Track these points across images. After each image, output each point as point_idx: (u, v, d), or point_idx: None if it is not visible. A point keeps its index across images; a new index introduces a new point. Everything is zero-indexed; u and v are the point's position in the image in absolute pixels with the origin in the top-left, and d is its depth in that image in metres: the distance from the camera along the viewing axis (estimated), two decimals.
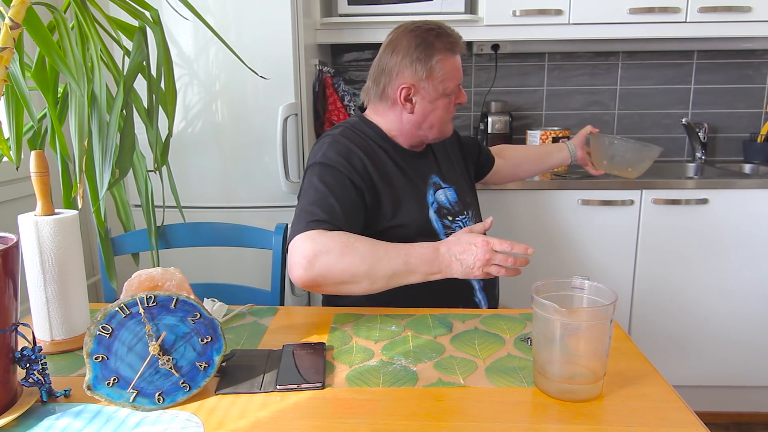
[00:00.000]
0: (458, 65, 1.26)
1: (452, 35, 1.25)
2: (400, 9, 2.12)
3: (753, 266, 2.00)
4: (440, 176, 1.33)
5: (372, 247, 1.05)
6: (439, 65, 1.22)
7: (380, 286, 1.06)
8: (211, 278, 1.76)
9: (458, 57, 1.26)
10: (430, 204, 1.28)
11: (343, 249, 1.04)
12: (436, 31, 1.23)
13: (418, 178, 1.28)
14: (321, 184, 1.15)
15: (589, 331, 0.77)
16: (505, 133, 2.35)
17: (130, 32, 1.28)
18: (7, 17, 0.80)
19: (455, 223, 1.30)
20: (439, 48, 1.22)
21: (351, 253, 1.04)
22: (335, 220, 1.10)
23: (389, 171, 1.25)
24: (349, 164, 1.18)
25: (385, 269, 1.04)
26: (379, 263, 1.04)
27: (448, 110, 1.28)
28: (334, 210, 1.11)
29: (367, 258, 1.04)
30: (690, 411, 0.75)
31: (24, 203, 1.77)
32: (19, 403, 0.76)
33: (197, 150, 1.87)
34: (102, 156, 1.11)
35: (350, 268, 1.04)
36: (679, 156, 2.52)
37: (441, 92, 1.24)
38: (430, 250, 1.05)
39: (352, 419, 0.74)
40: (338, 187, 1.15)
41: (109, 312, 0.76)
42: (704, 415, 1.99)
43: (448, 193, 1.32)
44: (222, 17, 1.80)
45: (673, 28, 2.11)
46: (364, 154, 1.22)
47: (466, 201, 1.35)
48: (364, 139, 1.27)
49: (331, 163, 1.18)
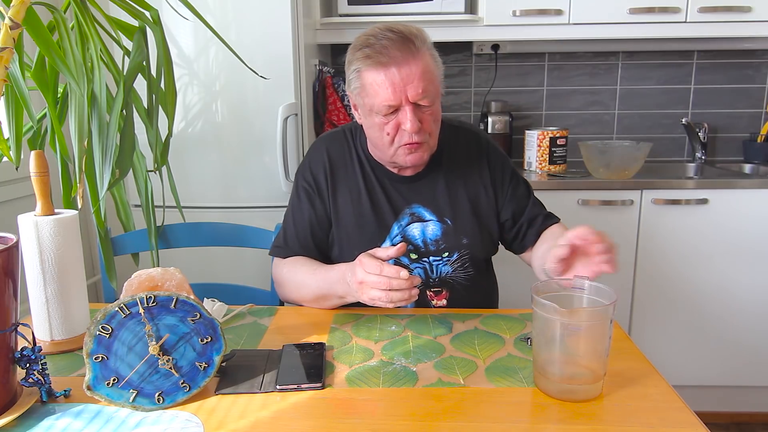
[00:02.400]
0: (381, 82, 1.03)
1: (378, 45, 1.02)
2: (400, 9, 2.12)
3: (753, 266, 1.99)
4: (430, 208, 1.18)
5: (301, 274, 1.15)
6: (356, 76, 1.08)
7: (317, 306, 1.13)
8: (211, 278, 1.76)
9: (384, 72, 1.03)
10: (390, 235, 1.18)
11: (281, 279, 1.20)
12: (369, 36, 1.06)
13: (389, 203, 1.18)
14: (290, 199, 1.26)
15: (589, 331, 0.77)
16: (505, 133, 2.35)
17: (130, 32, 1.28)
18: (7, 17, 0.80)
19: (419, 262, 1.18)
20: (358, 57, 1.06)
21: (287, 283, 1.18)
22: (291, 244, 1.22)
23: (352, 188, 1.19)
24: (311, 174, 1.22)
25: (311, 293, 1.13)
26: (305, 288, 1.14)
27: (383, 131, 1.08)
28: (291, 234, 1.23)
29: (297, 285, 1.15)
30: (690, 411, 0.75)
31: (24, 203, 1.76)
32: (19, 403, 0.76)
33: (197, 150, 1.87)
34: (102, 156, 1.11)
35: (290, 294, 1.18)
36: (679, 156, 2.52)
37: (368, 108, 1.08)
38: (336, 273, 1.07)
39: (352, 419, 0.74)
40: (298, 205, 1.23)
41: (109, 312, 0.76)
42: (704, 415, 1.99)
43: (428, 228, 1.18)
44: (222, 17, 1.80)
45: (673, 28, 2.11)
46: (330, 163, 1.21)
47: (454, 242, 1.18)
48: (351, 148, 1.22)
49: (299, 174, 1.25)
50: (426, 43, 1.07)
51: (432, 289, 1.19)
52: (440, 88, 1.11)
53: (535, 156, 2.18)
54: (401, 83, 1.03)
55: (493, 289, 1.31)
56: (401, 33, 1.04)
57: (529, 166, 2.22)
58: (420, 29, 1.07)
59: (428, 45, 1.08)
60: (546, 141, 2.15)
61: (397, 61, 1.02)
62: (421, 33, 1.07)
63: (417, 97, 1.04)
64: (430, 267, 1.18)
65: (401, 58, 1.03)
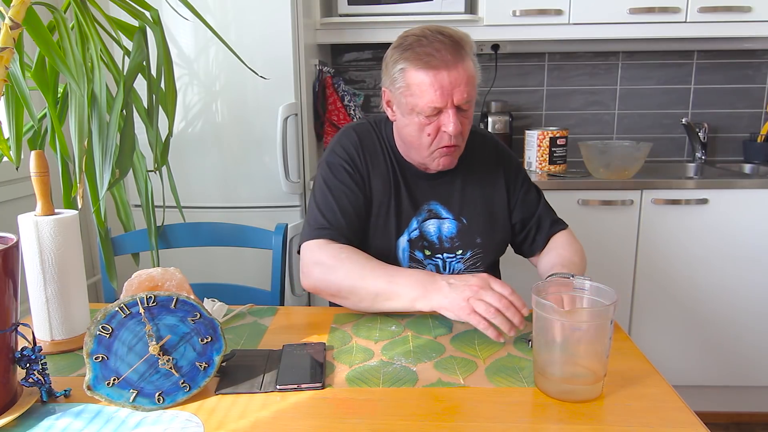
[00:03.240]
0: (428, 83, 1.04)
1: (430, 48, 1.04)
2: (400, 9, 2.12)
3: (753, 266, 1.99)
4: (447, 206, 1.20)
5: (359, 265, 1.05)
6: (401, 75, 1.08)
7: (366, 305, 1.05)
8: (211, 278, 1.76)
9: (434, 74, 1.04)
10: (409, 229, 1.19)
11: (333, 264, 1.07)
12: (419, 37, 1.06)
13: (410, 197, 1.19)
14: (325, 185, 1.17)
15: (590, 331, 0.77)
16: (505, 133, 2.35)
17: (130, 32, 1.28)
18: (7, 17, 0.80)
19: (432, 259, 1.19)
20: (406, 57, 1.06)
21: (338, 269, 1.06)
22: (337, 226, 1.13)
23: (383, 176, 1.19)
24: (347, 155, 1.18)
25: (368, 288, 1.03)
26: (362, 281, 1.04)
27: (422, 131, 1.09)
28: (335, 216, 1.13)
29: (351, 274, 1.05)
30: (690, 411, 0.75)
31: (24, 203, 1.77)
32: (19, 403, 0.76)
33: (197, 150, 1.87)
34: (102, 156, 1.11)
35: (336, 283, 1.06)
36: (679, 156, 2.52)
37: (410, 108, 1.08)
38: (423, 273, 1.01)
39: (352, 419, 0.74)
40: (339, 187, 1.16)
41: (109, 312, 0.76)
42: (704, 415, 1.99)
43: (444, 226, 1.19)
44: (222, 17, 1.80)
45: (673, 28, 2.11)
46: (363, 147, 1.20)
47: (468, 241, 1.20)
48: (378, 139, 1.22)
49: (335, 160, 1.19)
50: (473, 49, 1.09)
51: None
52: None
53: (535, 156, 2.18)
54: (449, 86, 1.04)
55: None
56: (452, 37, 1.06)
57: (529, 166, 2.22)
58: (467, 35, 1.09)
59: (473, 51, 1.10)
60: (546, 141, 2.15)
61: (448, 65, 1.04)
62: (469, 39, 1.09)
63: (462, 102, 1.06)
64: (444, 264, 1.20)
65: (452, 62, 1.04)
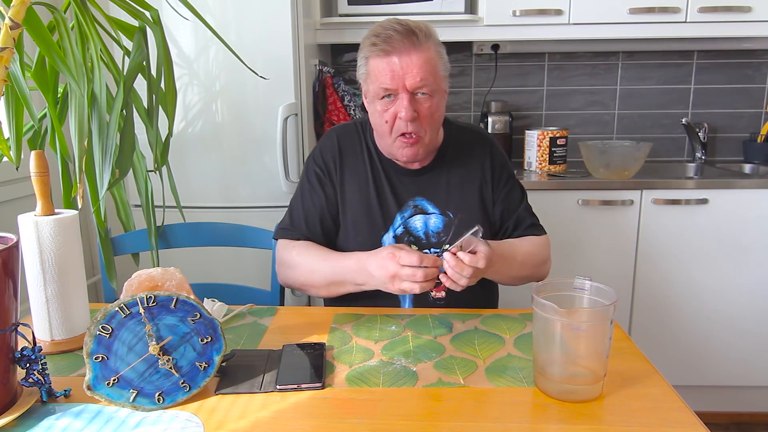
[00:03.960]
0: (383, 68, 1.08)
1: (384, 35, 1.08)
2: (400, 9, 2.12)
3: (753, 266, 1.99)
4: (433, 201, 1.22)
5: (310, 259, 1.17)
6: (364, 63, 1.14)
7: (326, 293, 1.17)
8: (211, 278, 1.76)
9: (387, 59, 1.08)
10: (393, 226, 1.21)
11: (290, 263, 1.19)
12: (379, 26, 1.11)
13: (394, 194, 1.21)
14: (299, 185, 1.27)
15: (590, 331, 0.77)
16: (505, 133, 2.35)
17: (130, 32, 1.28)
18: (7, 17, 0.80)
19: None
20: (366, 44, 1.12)
21: (294, 267, 1.18)
22: (298, 226, 1.24)
23: (360, 176, 1.22)
24: (322, 160, 1.24)
25: (321, 278, 1.15)
26: (317, 274, 1.15)
27: (381, 118, 1.13)
28: (299, 217, 1.24)
29: (304, 271, 1.17)
30: (690, 411, 0.75)
31: (24, 203, 1.76)
32: (19, 403, 0.76)
33: (197, 150, 1.87)
34: (102, 156, 1.11)
35: (295, 279, 1.19)
36: (679, 156, 2.52)
37: (371, 94, 1.14)
38: (354, 261, 1.10)
39: (352, 419, 0.74)
40: (308, 189, 1.25)
41: (109, 312, 0.76)
42: (704, 415, 1.99)
43: (431, 221, 1.21)
44: (222, 17, 1.80)
45: (673, 28, 2.11)
46: (340, 151, 1.24)
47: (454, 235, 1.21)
48: (361, 139, 1.26)
49: (310, 163, 1.27)
50: (431, 38, 1.11)
51: None
52: (443, 85, 1.15)
53: (535, 156, 2.18)
54: (401, 71, 1.08)
55: (492, 283, 1.31)
56: (407, 26, 1.09)
57: (529, 166, 2.22)
58: (428, 25, 1.13)
59: (434, 40, 1.12)
60: (546, 141, 2.15)
61: (399, 51, 1.08)
62: (428, 28, 1.12)
63: (414, 86, 1.08)
64: None
65: (403, 48, 1.08)
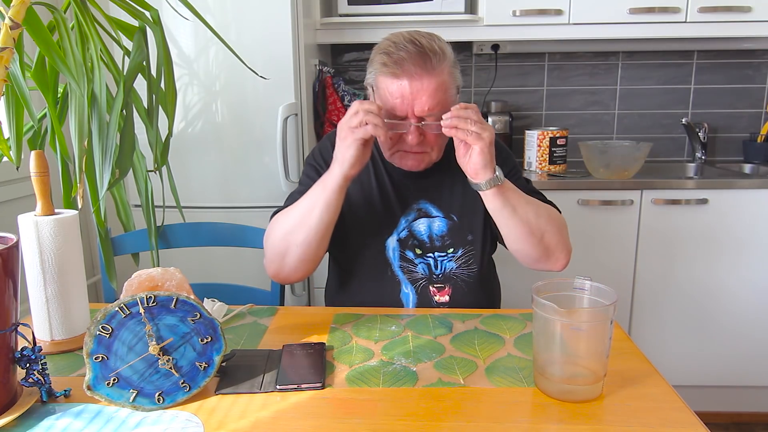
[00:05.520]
0: (393, 91, 1.04)
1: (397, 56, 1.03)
2: (400, 9, 2.12)
3: (753, 266, 1.99)
4: (436, 204, 1.20)
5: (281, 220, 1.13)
6: (373, 77, 1.10)
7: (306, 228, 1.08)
8: (211, 278, 1.76)
9: (397, 83, 1.03)
10: (398, 229, 1.19)
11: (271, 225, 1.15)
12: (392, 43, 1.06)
13: (398, 197, 1.20)
14: (299, 183, 1.25)
15: (590, 331, 0.77)
16: (505, 133, 2.35)
17: (130, 32, 1.28)
18: (7, 17, 0.80)
19: (423, 258, 1.19)
20: (377, 60, 1.07)
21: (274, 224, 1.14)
22: None
23: (363, 178, 1.20)
24: (322, 159, 1.23)
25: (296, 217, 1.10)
26: (289, 218, 1.11)
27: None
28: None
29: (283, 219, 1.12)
30: (690, 411, 0.75)
31: (24, 203, 1.76)
32: (19, 403, 0.76)
33: (197, 150, 1.87)
34: (102, 156, 1.11)
35: (277, 232, 1.12)
36: (679, 156, 2.52)
37: None
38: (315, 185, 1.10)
39: (352, 419, 0.74)
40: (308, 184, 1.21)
41: (109, 312, 0.76)
42: (704, 415, 1.99)
43: (434, 224, 1.19)
44: (222, 17, 1.80)
45: (673, 28, 2.11)
46: None
47: (459, 238, 1.19)
48: None
49: (310, 157, 1.26)
50: (445, 60, 1.06)
51: (435, 285, 1.19)
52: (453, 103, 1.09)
53: (535, 156, 2.18)
54: (410, 97, 1.04)
55: (495, 286, 1.32)
56: (421, 47, 1.04)
57: (529, 166, 2.22)
58: (443, 45, 1.08)
59: (448, 62, 1.07)
60: (546, 141, 2.15)
61: (410, 75, 1.03)
62: (443, 50, 1.07)
63: (424, 112, 1.05)
64: (435, 263, 1.19)
65: (414, 73, 1.03)
